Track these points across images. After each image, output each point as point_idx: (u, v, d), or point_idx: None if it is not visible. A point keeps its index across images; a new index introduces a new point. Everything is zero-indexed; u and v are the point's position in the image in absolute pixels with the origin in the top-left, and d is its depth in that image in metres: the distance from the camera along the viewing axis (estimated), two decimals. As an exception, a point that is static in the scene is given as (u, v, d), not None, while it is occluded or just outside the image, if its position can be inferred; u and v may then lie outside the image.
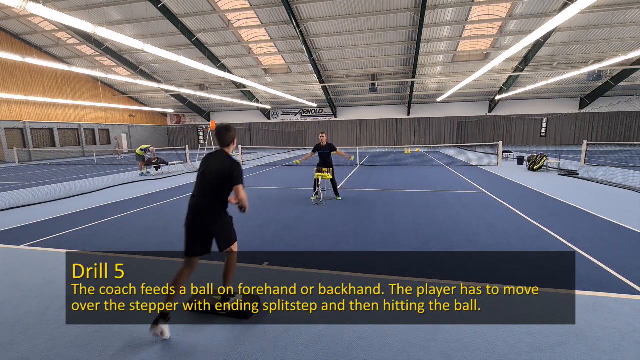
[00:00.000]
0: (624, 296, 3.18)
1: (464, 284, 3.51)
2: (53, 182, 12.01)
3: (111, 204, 8.03)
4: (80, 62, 25.37)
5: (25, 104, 23.89)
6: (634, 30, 17.92)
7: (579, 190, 8.68)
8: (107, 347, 2.56)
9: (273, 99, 31.06)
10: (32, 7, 6.81)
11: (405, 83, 25.97)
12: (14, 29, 22.03)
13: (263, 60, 23.92)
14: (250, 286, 3.56)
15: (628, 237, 4.92)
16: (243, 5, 17.40)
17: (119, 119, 32.03)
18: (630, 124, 27.91)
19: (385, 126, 32.43)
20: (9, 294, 3.47)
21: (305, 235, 5.29)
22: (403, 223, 5.89)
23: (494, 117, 30.31)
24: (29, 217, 6.75)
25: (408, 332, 2.69)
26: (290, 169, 15.06)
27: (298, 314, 3.00)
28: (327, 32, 19.47)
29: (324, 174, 7.75)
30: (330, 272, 3.89)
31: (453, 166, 14.88)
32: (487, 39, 19.69)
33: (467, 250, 4.49)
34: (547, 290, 3.35)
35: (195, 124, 36.59)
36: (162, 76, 27.20)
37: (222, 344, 2.58)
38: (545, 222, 5.73)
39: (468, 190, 9.00)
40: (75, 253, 4.65)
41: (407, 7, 16.82)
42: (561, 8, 16.09)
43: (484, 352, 2.42)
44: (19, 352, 2.53)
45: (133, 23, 19.01)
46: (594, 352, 2.40)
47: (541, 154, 13.00)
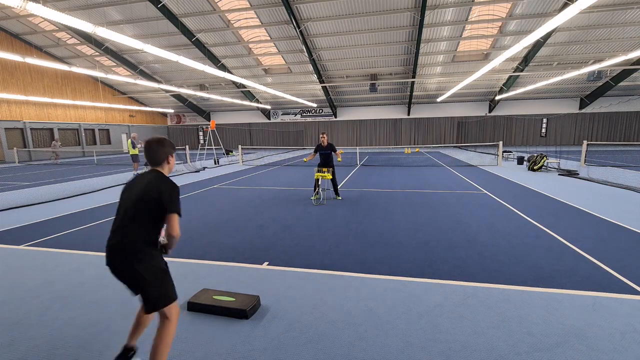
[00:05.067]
0: (624, 296, 3.18)
1: (464, 284, 3.52)
2: (53, 182, 12.02)
3: (111, 204, 8.02)
4: (80, 62, 25.37)
5: (25, 104, 23.89)
6: (634, 30, 17.92)
7: (579, 190, 8.68)
8: (107, 347, 2.56)
9: (273, 99, 31.06)
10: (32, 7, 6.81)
11: (405, 83, 25.97)
12: (14, 29, 22.02)
13: (263, 60, 23.92)
14: (250, 286, 3.57)
15: (628, 237, 4.92)
16: (243, 5, 17.40)
17: (119, 119, 32.02)
18: (630, 124, 27.91)
19: (385, 126, 32.43)
20: (9, 294, 3.47)
21: (305, 235, 5.29)
22: (403, 223, 5.89)
23: (494, 117, 30.31)
24: (29, 217, 6.75)
25: (408, 332, 2.69)
26: (290, 169, 15.06)
27: (298, 314, 3.00)
28: (327, 32, 19.47)
29: (324, 174, 7.77)
30: (330, 272, 3.89)
31: (453, 166, 14.88)
32: (487, 39, 19.68)
33: (467, 250, 4.48)
34: (547, 290, 3.36)
35: (195, 124, 36.60)
36: (162, 76, 27.20)
37: (222, 344, 2.58)
38: (545, 222, 5.73)
39: (468, 190, 9.00)
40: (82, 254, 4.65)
41: (407, 7, 16.81)
42: (561, 8, 16.08)
43: (484, 352, 2.42)
44: (19, 352, 2.53)
45: (133, 23, 19.00)
46: (594, 352, 2.40)
47: (541, 154, 12.99)
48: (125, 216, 2.06)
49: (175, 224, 2.04)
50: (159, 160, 2.21)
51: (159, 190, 2.04)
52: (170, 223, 2.04)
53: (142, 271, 2.02)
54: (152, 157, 2.21)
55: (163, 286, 2.10)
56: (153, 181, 2.08)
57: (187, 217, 6.46)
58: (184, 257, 4.44)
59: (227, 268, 4.04)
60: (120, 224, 2.07)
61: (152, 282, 2.05)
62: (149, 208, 2.03)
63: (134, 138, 13.42)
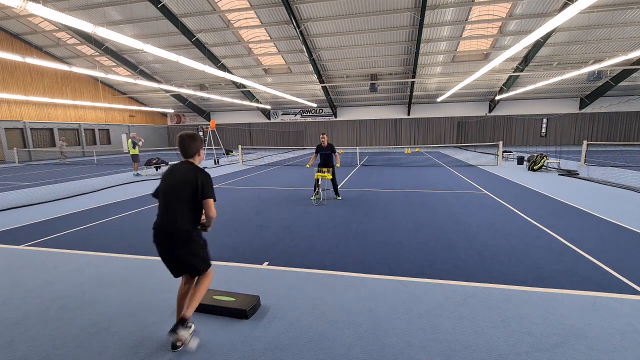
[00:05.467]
0: (624, 296, 3.18)
1: (464, 284, 3.52)
2: (53, 182, 12.01)
3: (111, 204, 8.03)
4: (80, 62, 25.37)
5: (25, 104, 23.89)
6: (634, 30, 17.92)
7: (579, 190, 8.68)
8: (107, 347, 2.56)
9: (273, 99, 31.06)
10: (32, 7, 6.81)
11: (405, 83, 25.97)
12: (14, 29, 22.02)
13: (263, 60, 23.92)
14: (250, 286, 3.56)
15: (628, 237, 4.92)
16: (243, 5, 17.40)
17: (119, 119, 32.03)
18: (630, 124, 27.92)
19: (385, 126, 32.44)
20: (9, 294, 3.47)
21: (305, 235, 5.29)
22: (403, 223, 5.89)
23: (494, 117, 30.31)
24: (29, 217, 6.75)
25: (408, 332, 2.69)
26: (290, 169, 15.06)
27: (298, 314, 3.00)
28: (327, 32, 19.47)
29: (324, 174, 7.77)
30: (330, 272, 3.89)
31: (453, 166, 14.88)
32: (487, 39, 19.68)
33: (467, 250, 4.48)
34: (547, 290, 3.36)
35: (195, 124, 36.57)
36: (162, 76, 27.20)
37: (222, 344, 2.58)
38: (545, 222, 5.73)
39: (468, 190, 8.99)
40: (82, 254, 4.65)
41: (407, 7, 16.81)
42: (561, 8, 16.08)
43: (484, 352, 2.42)
44: (19, 352, 2.52)
45: (133, 23, 19.00)
46: (594, 352, 2.40)
47: (541, 154, 12.99)
48: (169, 201, 2.44)
49: (212, 206, 2.45)
50: (191, 153, 2.56)
51: (196, 179, 2.41)
52: (207, 206, 2.43)
53: (191, 246, 2.47)
54: (185, 150, 2.54)
55: (204, 256, 2.58)
56: (189, 171, 2.45)
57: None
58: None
59: (227, 268, 4.03)
60: (165, 207, 2.46)
61: (196, 254, 2.51)
62: (187, 194, 2.40)
63: (133, 137, 13.42)
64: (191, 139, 2.55)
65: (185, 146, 2.53)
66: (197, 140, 2.56)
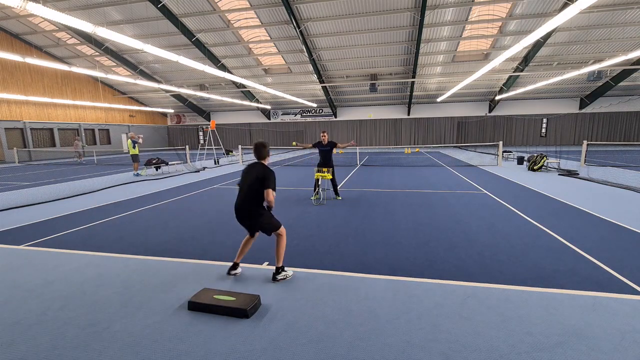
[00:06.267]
0: (624, 296, 3.18)
1: (464, 284, 3.52)
2: (53, 182, 12.01)
3: (111, 204, 8.03)
4: (80, 62, 25.37)
5: (25, 104, 23.88)
6: (634, 30, 17.92)
7: (579, 190, 8.68)
8: (107, 347, 2.56)
9: (273, 99, 31.06)
10: (32, 7, 6.81)
11: (405, 83, 25.97)
12: (14, 29, 22.02)
13: (263, 60, 23.92)
14: (250, 286, 3.56)
15: (628, 237, 4.92)
16: (243, 5, 17.40)
17: (119, 119, 32.02)
18: (630, 124, 27.92)
19: (385, 126, 32.44)
20: (9, 294, 3.47)
21: (305, 235, 5.29)
22: (403, 223, 5.89)
23: (494, 117, 30.31)
24: (29, 217, 6.75)
25: (408, 332, 2.69)
26: (290, 169, 15.06)
27: (298, 314, 3.00)
28: (327, 32, 19.47)
29: (324, 174, 7.76)
30: (330, 272, 3.89)
31: (453, 166, 14.88)
32: (487, 39, 19.68)
33: (467, 250, 4.48)
34: (547, 290, 3.36)
35: (195, 124, 36.60)
36: (162, 76, 27.20)
37: (222, 344, 2.58)
38: (545, 222, 5.73)
39: (468, 190, 8.99)
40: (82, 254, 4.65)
41: (407, 7, 16.81)
42: (561, 8, 16.08)
43: (484, 352, 2.42)
44: (19, 352, 2.52)
45: (133, 23, 19.01)
46: (594, 352, 2.40)
47: (541, 154, 12.99)
48: (247, 189, 3.52)
49: (269, 194, 3.40)
50: (263, 156, 3.68)
51: (264, 174, 3.46)
52: (267, 193, 3.40)
53: (260, 218, 3.56)
54: (258, 154, 3.67)
55: (272, 222, 3.62)
56: (261, 169, 3.53)
57: (188, 217, 6.47)
58: (185, 257, 4.44)
59: (228, 268, 4.03)
60: (244, 194, 3.53)
61: (266, 221, 3.59)
62: (259, 184, 3.43)
63: (132, 136, 13.41)
64: (263, 146, 3.66)
65: (259, 151, 3.65)
66: (266, 147, 3.69)
